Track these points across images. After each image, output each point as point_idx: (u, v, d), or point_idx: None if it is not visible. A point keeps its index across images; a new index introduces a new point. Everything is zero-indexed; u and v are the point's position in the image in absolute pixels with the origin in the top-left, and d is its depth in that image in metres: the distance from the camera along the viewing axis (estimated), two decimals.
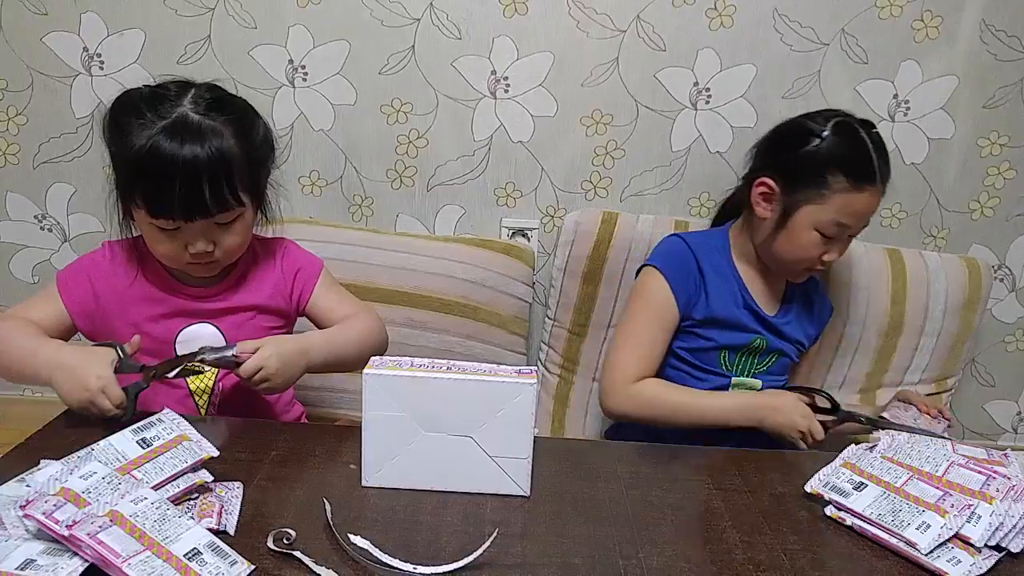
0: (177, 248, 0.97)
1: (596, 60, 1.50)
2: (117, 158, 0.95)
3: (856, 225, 1.15)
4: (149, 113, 0.92)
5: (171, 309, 1.03)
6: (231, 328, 1.05)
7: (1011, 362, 1.70)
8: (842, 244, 1.17)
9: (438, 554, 0.72)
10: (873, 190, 1.12)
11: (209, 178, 0.92)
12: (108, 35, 1.48)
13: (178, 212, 0.92)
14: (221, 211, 0.95)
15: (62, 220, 1.60)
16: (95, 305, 1.02)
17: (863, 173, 1.11)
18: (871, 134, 1.14)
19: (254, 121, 1.01)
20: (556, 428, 1.52)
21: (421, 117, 1.53)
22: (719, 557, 0.76)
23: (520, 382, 0.81)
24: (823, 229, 1.13)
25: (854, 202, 1.11)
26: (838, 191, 1.11)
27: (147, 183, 0.92)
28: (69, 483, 0.68)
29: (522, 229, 1.60)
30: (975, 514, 0.78)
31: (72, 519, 0.63)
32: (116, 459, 0.74)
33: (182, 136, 0.91)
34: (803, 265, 1.18)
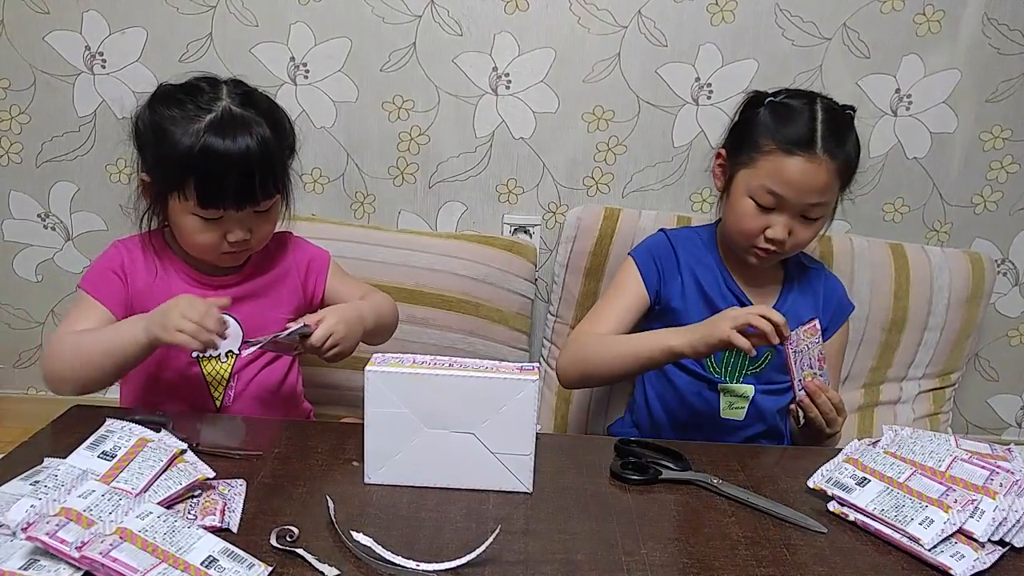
0: (216, 238, 1.00)
1: (597, 56, 1.50)
2: (164, 155, 0.97)
3: (792, 196, 1.07)
4: (192, 107, 0.97)
5: None
6: (249, 317, 1.08)
7: (1015, 356, 1.70)
8: (786, 219, 1.09)
9: (441, 551, 0.72)
10: (808, 157, 1.05)
11: (259, 168, 0.97)
12: (110, 33, 1.49)
13: (230, 202, 0.97)
14: (266, 199, 1.00)
15: (65, 219, 1.60)
16: (128, 299, 1.04)
17: (794, 137, 1.06)
18: (826, 108, 1.09)
19: (282, 112, 1.06)
20: (559, 424, 1.52)
21: (423, 114, 1.53)
22: (722, 553, 0.76)
23: (522, 379, 0.81)
24: (755, 196, 1.09)
25: (785, 167, 1.06)
26: (767, 153, 1.07)
27: (202, 176, 0.95)
28: (69, 502, 0.68)
29: (524, 226, 1.60)
30: (978, 509, 0.78)
31: (80, 540, 0.63)
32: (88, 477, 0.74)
33: (232, 129, 0.96)
34: (746, 240, 1.12)
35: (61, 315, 1.66)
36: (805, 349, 1.07)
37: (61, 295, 1.64)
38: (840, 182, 1.10)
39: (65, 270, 1.63)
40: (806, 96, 1.12)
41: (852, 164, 1.11)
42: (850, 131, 1.11)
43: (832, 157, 1.06)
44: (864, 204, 1.58)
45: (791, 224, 1.09)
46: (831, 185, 1.08)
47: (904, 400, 1.54)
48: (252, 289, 1.10)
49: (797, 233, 1.10)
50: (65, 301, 1.64)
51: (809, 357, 1.07)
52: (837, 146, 1.07)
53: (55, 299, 1.65)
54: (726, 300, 1.18)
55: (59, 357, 0.97)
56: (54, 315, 1.66)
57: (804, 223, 1.10)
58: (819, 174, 1.06)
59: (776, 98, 1.13)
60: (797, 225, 1.10)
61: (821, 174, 1.06)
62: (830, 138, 1.07)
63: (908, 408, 1.54)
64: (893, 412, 1.53)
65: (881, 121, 1.53)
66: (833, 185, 1.09)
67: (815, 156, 1.06)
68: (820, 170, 1.06)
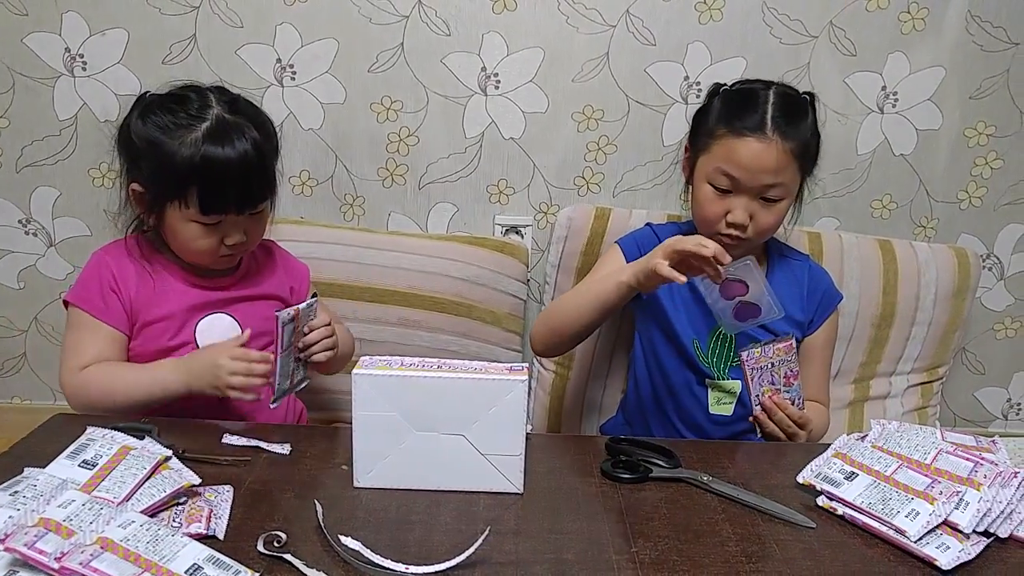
0: (215, 242, 1.02)
1: (586, 55, 1.50)
2: (163, 167, 0.98)
3: (745, 177, 1.08)
4: (184, 116, 0.98)
5: (192, 302, 1.07)
6: (244, 317, 1.09)
7: (1001, 350, 1.71)
8: (745, 202, 1.09)
9: (431, 554, 0.72)
10: (757, 138, 1.07)
11: (256, 172, 1.00)
12: (90, 35, 1.47)
13: (233, 206, 1.00)
14: (263, 199, 1.03)
15: (47, 224, 1.58)
16: (128, 313, 1.05)
17: (743, 118, 1.08)
18: (778, 93, 1.11)
19: (264, 115, 1.07)
20: (553, 424, 1.52)
21: (411, 115, 1.53)
22: (712, 550, 0.76)
23: (512, 379, 0.80)
24: (712, 180, 1.10)
25: (736, 148, 1.08)
26: (719, 137, 1.10)
27: (205, 184, 0.97)
28: (48, 512, 0.66)
29: (515, 226, 1.60)
30: (963, 500, 0.78)
31: (60, 550, 0.62)
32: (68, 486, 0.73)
33: (228, 136, 0.98)
34: (710, 226, 1.13)
35: (45, 323, 1.63)
36: (769, 366, 1.08)
37: (44, 302, 1.62)
38: (798, 164, 1.11)
39: (48, 277, 1.61)
40: (761, 83, 1.14)
41: (810, 147, 1.12)
42: (804, 114, 1.12)
43: (784, 137, 1.08)
44: (852, 201, 1.59)
45: (751, 207, 1.10)
46: (786, 166, 1.09)
47: (893, 395, 1.55)
48: (246, 290, 1.11)
49: (759, 217, 1.11)
50: (48, 308, 1.62)
51: (773, 374, 1.08)
52: (788, 126, 1.08)
53: (38, 306, 1.63)
54: (710, 292, 1.18)
55: (90, 399, 1.00)
56: (37, 322, 1.64)
57: (765, 206, 1.11)
58: (770, 154, 1.07)
59: (732, 87, 1.16)
60: (757, 208, 1.10)
61: (772, 153, 1.07)
62: (780, 119, 1.08)
63: (897, 402, 1.54)
64: (883, 407, 1.54)
65: (868, 118, 1.54)
66: (789, 166, 1.09)
67: (764, 136, 1.07)
68: (771, 150, 1.07)
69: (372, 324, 1.44)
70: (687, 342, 1.19)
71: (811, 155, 1.13)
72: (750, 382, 1.07)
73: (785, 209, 1.13)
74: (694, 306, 1.19)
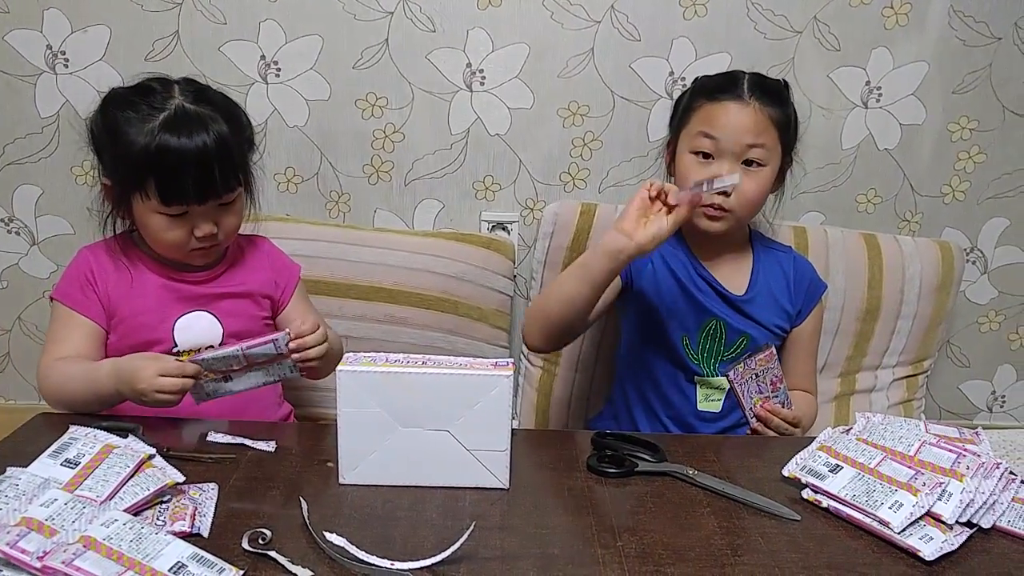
0: (184, 234, 1.01)
1: (571, 51, 1.50)
2: (121, 157, 0.98)
3: (725, 136, 1.11)
4: (145, 107, 0.97)
5: (172, 298, 1.06)
6: (226, 315, 1.08)
7: (985, 343, 1.72)
8: (728, 164, 1.11)
9: (416, 549, 0.72)
10: (735, 101, 1.12)
11: (218, 161, 0.98)
12: (72, 32, 1.45)
13: (192, 196, 0.98)
14: (228, 191, 1.01)
15: (30, 223, 1.57)
16: (105, 307, 1.05)
17: (721, 87, 1.14)
18: (752, 73, 1.16)
19: (236, 106, 1.07)
20: (540, 420, 1.52)
21: (397, 111, 1.52)
22: (698, 543, 0.76)
23: (496, 375, 0.80)
24: (694, 146, 1.14)
25: (714, 112, 1.12)
26: (697, 108, 1.15)
27: (161, 174, 0.96)
28: (30, 512, 0.66)
29: (501, 222, 1.60)
30: (946, 492, 0.79)
31: (42, 549, 0.62)
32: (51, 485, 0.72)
33: (187, 126, 0.96)
34: None
35: (28, 322, 1.62)
36: (754, 377, 1.10)
37: (28, 301, 1.61)
38: (777, 133, 1.14)
39: (31, 276, 1.60)
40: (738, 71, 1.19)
41: (789, 118, 1.16)
42: (779, 90, 1.17)
43: (761, 103, 1.12)
44: (837, 195, 1.60)
45: (734, 170, 1.11)
46: (765, 128, 1.12)
47: (879, 388, 1.56)
48: (229, 287, 1.10)
49: (742, 184, 1.10)
50: (32, 307, 1.61)
51: (760, 383, 1.11)
52: (764, 95, 1.13)
53: (22, 306, 1.61)
54: (697, 286, 1.19)
55: (49, 391, 1.00)
56: (21, 322, 1.62)
57: (747, 173, 1.12)
58: (748, 113, 1.11)
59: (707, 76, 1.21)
60: None
61: (750, 113, 1.11)
62: (756, 88, 1.13)
63: (883, 396, 1.55)
64: (868, 400, 1.55)
65: (852, 113, 1.55)
66: (768, 130, 1.13)
67: (742, 99, 1.12)
68: (749, 110, 1.11)
69: (358, 321, 1.43)
70: (676, 339, 1.19)
71: (791, 130, 1.17)
72: (742, 397, 1.09)
73: (768, 179, 1.15)
74: (683, 303, 1.19)
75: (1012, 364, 1.74)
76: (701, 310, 1.18)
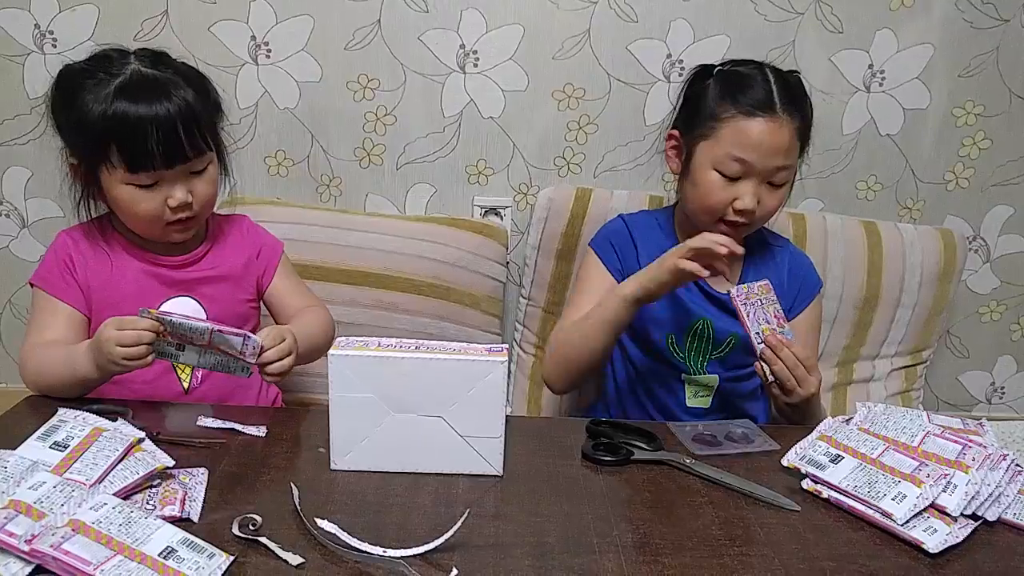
0: (158, 204, 0.97)
1: (567, 32, 1.47)
2: (79, 127, 0.95)
3: (758, 161, 1.05)
4: (102, 74, 0.94)
5: (153, 283, 1.04)
6: (209, 299, 1.06)
7: (985, 333, 1.71)
8: (753, 186, 1.07)
9: (408, 536, 0.70)
10: (769, 118, 1.04)
11: (182, 123, 0.94)
12: (60, 11, 1.43)
13: (159, 161, 0.94)
14: (197, 154, 0.98)
15: (19, 205, 1.55)
16: (85, 294, 1.02)
17: (753, 99, 1.05)
18: (774, 71, 1.09)
19: (198, 73, 1.03)
20: (533, 408, 1.51)
21: (389, 93, 1.50)
22: (695, 533, 0.75)
23: (491, 360, 0.79)
24: (720, 167, 1.07)
25: (746, 130, 1.04)
26: (727, 120, 1.06)
27: (123, 139, 0.93)
28: (18, 494, 0.65)
29: (495, 207, 1.58)
30: (951, 483, 0.77)
31: (31, 532, 0.61)
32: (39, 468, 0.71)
33: (147, 89, 0.94)
34: (714, 214, 1.09)
35: (19, 305, 1.60)
36: (759, 303, 1.03)
37: (17, 285, 1.58)
38: (800, 143, 1.10)
39: (21, 259, 1.57)
40: (752, 63, 1.12)
41: (809, 124, 1.11)
42: (803, 91, 1.11)
43: (791, 116, 1.06)
44: (837, 182, 1.58)
45: (759, 192, 1.08)
46: (793, 146, 1.08)
47: (877, 378, 1.54)
48: (210, 270, 1.07)
49: (765, 201, 1.09)
50: (22, 291, 1.58)
51: (765, 313, 1.04)
52: (793, 105, 1.07)
53: (11, 289, 1.59)
54: (685, 290, 1.17)
55: (29, 377, 0.97)
56: (11, 305, 1.60)
57: (770, 190, 1.09)
58: (783, 134, 1.05)
59: (724, 67, 1.12)
60: (764, 192, 1.08)
61: (784, 134, 1.05)
62: (786, 97, 1.06)
63: (881, 386, 1.54)
64: (866, 390, 1.54)
65: (854, 97, 1.52)
66: (795, 146, 1.08)
67: (776, 116, 1.05)
68: (783, 130, 1.05)
69: (348, 306, 1.41)
70: (662, 339, 1.18)
71: (808, 132, 1.12)
72: (746, 319, 1.02)
73: (787, 191, 1.12)
74: (669, 304, 1.16)
75: (1013, 355, 1.73)
76: (686, 311, 1.16)
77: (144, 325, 0.86)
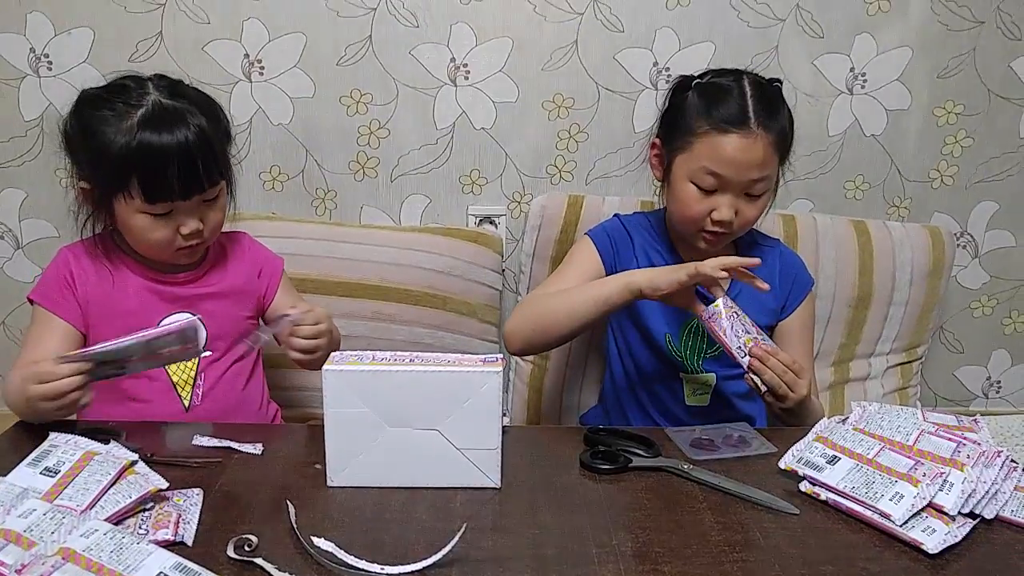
0: (169, 233, 0.99)
1: (555, 44, 1.48)
2: (100, 157, 0.95)
3: (733, 175, 1.05)
4: (121, 105, 0.95)
5: (155, 299, 1.04)
6: (209, 315, 1.05)
7: (978, 328, 1.72)
8: (730, 199, 1.07)
9: (407, 552, 0.70)
10: (743, 134, 1.04)
11: (200, 156, 0.96)
12: (56, 35, 1.44)
13: (177, 193, 0.96)
14: (212, 185, 0.99)
15: (14, 226, 1.55)
16: (83, 309, 1.03)
17: (727, 114, 1.05)
18: (753, 83, 1.08)
19: (212, 101, 1.04)
20: (532, 416, 1.51)
21: (381, 107, 1.50)
22: (694, 540, 0.75)
23: (486, 371, 0.79)
24: (696, 180, 1.07)
25: (720, 146, 1.04)
26: (701, 135, 1.06)
27: (144, 172, 0.94)
28: (7, 523, 0.65)
29: (489, 216, 1.58)
30: (947, 482, 0.78)
31: (20, 562, 0.61)
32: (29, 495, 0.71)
33: (167, 121, 0.95)
34: (694, 226, 1.11)
35: (12, 327, 1.60)
36: (735, 315, 1.02)
37: (12, 306, 1.58)
38: (778, 155, 1.09)
39: (16, 280, 1.57)
40: (732, 73, 1.11)
41: (787, 136, 1.10)
42: (780, 103, 1.10)
43: (767, 131, 1.05)
44: (826, 182, 1.59)
45: (736, 204, 1.08)
46: (770, 159, 1.07)
47: (873, 376, 1.55)
48: (212, 287, 1.08)
49: (743, 212, 1.09)
50: (17, 312, 1.58)
51: (743, 324, 1.02)
52: (770, 119, 1.06)
53: (6, 310, 1.59)
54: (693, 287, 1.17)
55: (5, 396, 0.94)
56: (5, 327, 1.60)
57: (748, 200, 1.09)
58: (756, 149, 1.05)
59: (703, 79, 1.12)
60: (742, 204, 1.09)
61: (758, 149, 1.05)
62: (762, 112, 1.06)
63: (877, 384, 1.55)
64: (863, 388, 1.54)
65: (838, 100, 1.54)
66: (772, 159, 1.08)
67: (750, 131, 1.05)
68: (757, 145, 1.05)
69: (345, 319, 1.41)
70: (659, 337, 1.18)
71: (788, 144, 1.11)
72: (725, 336, 1.00)
73: (767, 199, 1.12)
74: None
75: (1006, 349, 1.74)
76: (681, 309, 1.16)
77: (64, 372, 0.84)
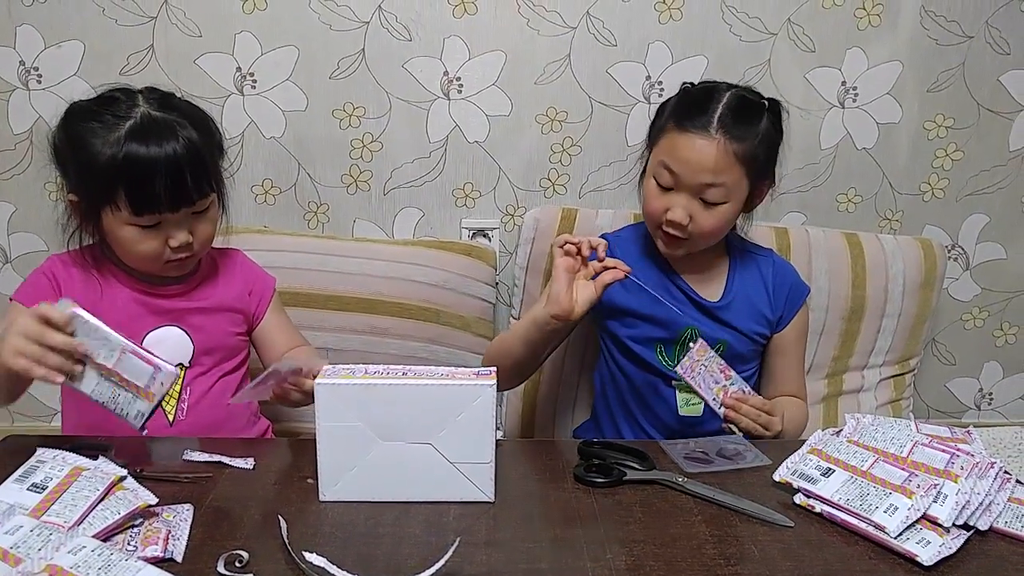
0: (158, 245, 0.98)
1: (548, 57, 1.49)
2: (88, 169, 0.95)
3: (684, 174, 1.06)
4: (109, 117, 0.95)
5: (142, 312, 1.03)
6: (197, 330, 1.06)
7: (970, 339, 1.73)
8: (684, 199, 1.07)
9: (399, 568, 0.70)
10: (701, 135, 1.05)
11: (189, 168, 0.95)
12: (45, 47, 1.43)
13: (165, 205, 0.95)
14: (201, 197, 0.98)
15: (2, 240, 1.54)
16: None
17: (687, 114, 1.07)
18: (735, 95, 1.09)
19: (203, 113, 1.04)
20: (525, 429, 1.50)
21: (374, 120, 1.51)
22: (689, 553, 0.74)
23: (479, 384, 0.79)
24: (656, 175, 1.10)
25: (678, 144, 1.06)
26: (667, 131, 1.09)
27: (131, 183, 0.93)
28: None
29: (482, 229, 1.58)
30: (941, 493, 0.78)
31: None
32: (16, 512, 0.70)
33: (155, 133, 0.94)
34: (652, 222, 1.13)
35: None
36: (703, 368, 1.06)
37: None
38: (744, 169, 1.07)
39: (4, 294, 1.56)
40: (724, 84, 1.12)
41: (757, 152, 1.07)
42: (755, 118, 1.08)
43: (729, 138, 1.05)
44: (818, 195, 1.60)
45: (691, 207, 1.08)
46: (727, 167, 1.06)
47: (867, 388, 1.55)
48: (201, 301, 1.07)
49: (699, 219, 1.08)
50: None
51: (711, 374, 1.06)
52: (736, 127, 1.05)
53: None
54: (671, 292, 1.17)
55: None
56: None
57: (705, 207, 1.08)
58: (711, 152, 1.04)
59: (692, 86, 1.16)
60: (698, 209, 1.08)
61: (713, 152, 1.04)
62: (728, 119, 1.05)
63: (871, 396, 1.55)
64: (857, 401, 1.55)
65: (830, 113, 1.55)
66: (731, 168, 1.06)
67: (708, 134, 1.05)
68: (713, 148, 1.04)
69: (338, 332, 1.41)
70: (651, 348, 1.18)
71: (760, 162, 1.09)
72: (700, 390, 1.05)
73: (728, 214, 1.10)
74: (656, 313, 1.17)
75: (998, 361, 1.74)
76: (674, 321, 1.16)
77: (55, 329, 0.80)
